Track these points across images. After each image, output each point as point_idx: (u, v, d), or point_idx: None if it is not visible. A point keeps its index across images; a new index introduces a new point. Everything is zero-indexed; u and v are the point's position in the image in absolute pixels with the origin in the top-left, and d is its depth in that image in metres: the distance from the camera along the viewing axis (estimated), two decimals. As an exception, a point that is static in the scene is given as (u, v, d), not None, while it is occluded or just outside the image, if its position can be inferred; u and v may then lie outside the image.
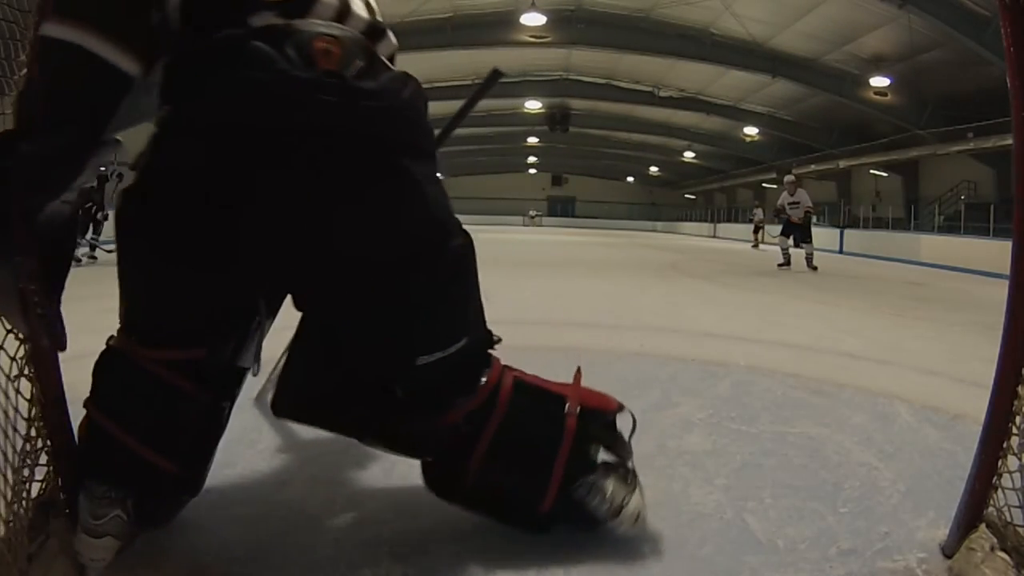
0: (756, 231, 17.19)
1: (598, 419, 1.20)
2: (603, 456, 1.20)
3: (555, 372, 1.28)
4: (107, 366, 1.05)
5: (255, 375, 1.19)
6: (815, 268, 8.71)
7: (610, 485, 1.16)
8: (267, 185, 0.94)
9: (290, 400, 1.14)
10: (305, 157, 0.93)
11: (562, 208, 37.48)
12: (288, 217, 0.96)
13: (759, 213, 17.97)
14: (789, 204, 9.02)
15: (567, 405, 1.16)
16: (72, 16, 0.84)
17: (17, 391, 0.97)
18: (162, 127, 0.96)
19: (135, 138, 1.06)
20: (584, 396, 1.19)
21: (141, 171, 0.97)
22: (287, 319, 1.18)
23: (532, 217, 32.72)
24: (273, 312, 1.20)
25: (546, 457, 1.13)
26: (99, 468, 1.02)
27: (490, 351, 1.19)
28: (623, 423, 1.23)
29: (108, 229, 7.50)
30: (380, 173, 0.98)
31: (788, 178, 9.43)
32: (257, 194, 0.94)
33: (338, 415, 1.15)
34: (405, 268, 1.03)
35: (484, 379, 1.14)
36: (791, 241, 8.96)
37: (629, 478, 1.19)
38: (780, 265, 8.89)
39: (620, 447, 1.22)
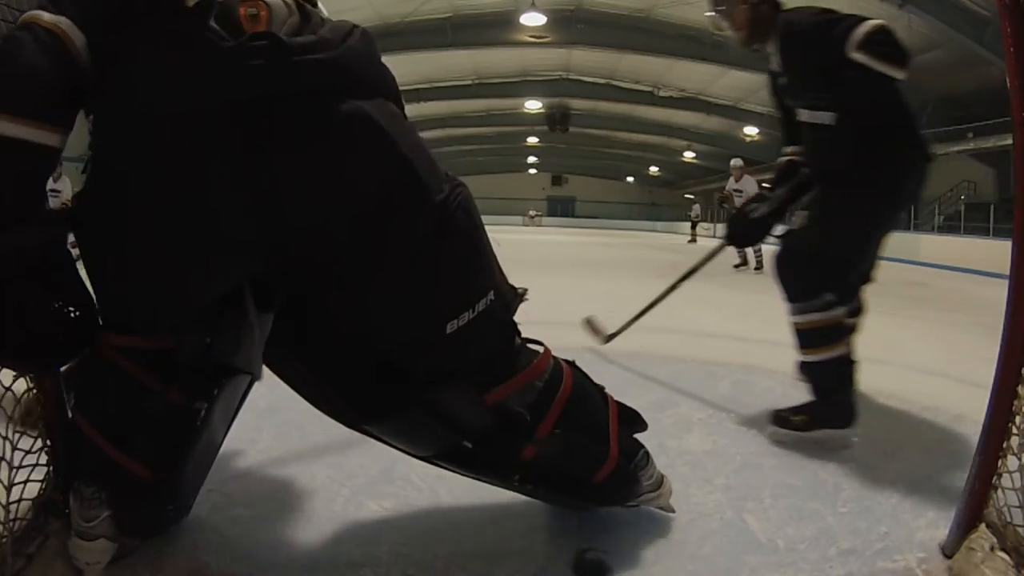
0: (693, 227, 18.46)
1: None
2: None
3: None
4: (83, 362, 1.01)
5: (259, 379, 1.13)
6: (745, 265, 7.95)
7: (651, 459, 1.25)
8: (213, 166, 0.87)
9: (285, 352, 1.04)
10: (246, 128, 0.86)
11: (562, 208, 37.46)
12: (240, 193, 0.88)
13: (696, 209, 19.32)
14: (734, 191, 8.32)
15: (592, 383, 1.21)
16: None
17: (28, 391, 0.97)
18: (95, 126, 0.92)
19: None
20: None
21: (88, 175, 0.94)
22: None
23: (532, 217, 32.70)
24: (271, 307, 1.13)
25: (604, 423, 1.16)
26: (83, 469, 1.00)
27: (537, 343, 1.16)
28: None
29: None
30: (329, 121, 0.90)
31: (735, 162, 8.69)
32: (205, 177, 0.88)
33: (343, 385, 1.05)
34: (393, 221, 0.94)
35: (537, 356, 1.12)
36: None
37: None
38: (753, 268, 7.94)
39: (640, 423, 1.27)
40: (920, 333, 3.89)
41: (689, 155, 28.40)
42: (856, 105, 1.74)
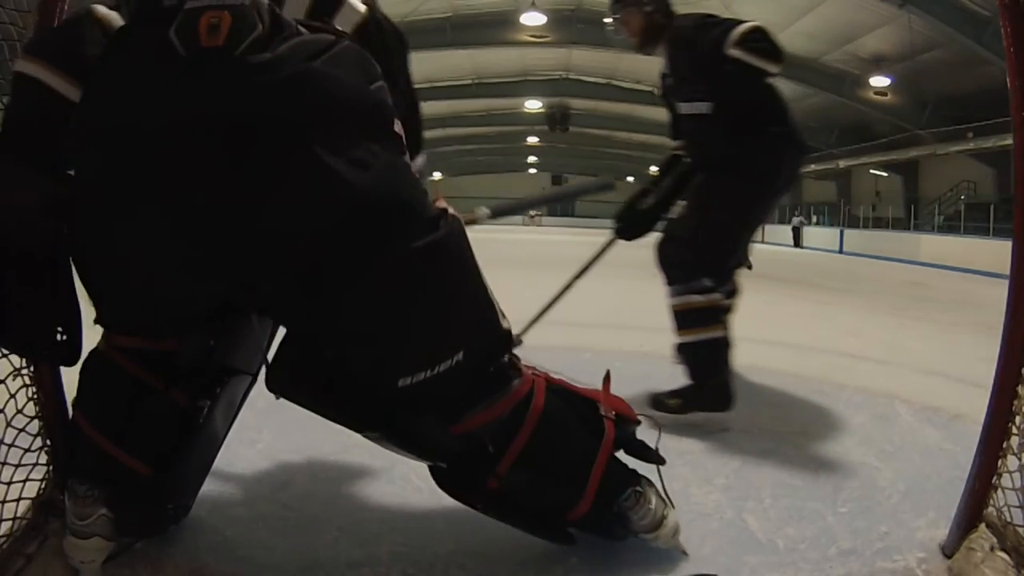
0: None
1: (629, 427, 1.15)
2: (636, 465, 1.16)
3: (556, 371, 1.28)
4: (86, 362, 1.01)
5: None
6: None
7: (653, 497, 1.14)
8: (167, 188, 0.82)
9: (286, 376, 1.00)
10: (194, 153, 0.80)
11: (562, 208, 37.46)
12: (193, 221, 0.84)
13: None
14: None
15: (600, 408, 1.11)
16: (25, 51, 0.94)
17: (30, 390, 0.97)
18: (69, 131, 0.90)
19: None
20: (614, 402, 1.14)
21: (72, 177, 0.92)
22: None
23: (532, 217, 32.68)
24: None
25: (582, 463, 1.07)
26: (79, 466, 1.00)
27: (516, 363, 1.07)
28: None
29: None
30: (279, 160, 0.81)
31: None
32: (162, 197, 0.83)
33: (337, 404, 1.02)
34: (348, 275, 0.86)
35: (512, 386, 1.04)
36: None
37: (662, 493, 1.17)
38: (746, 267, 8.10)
39: (654, 456, 1.18)
40: (920, 333, 3.89)
41: (689, 155, 28.41)
42: (732, 97, 1.86)
